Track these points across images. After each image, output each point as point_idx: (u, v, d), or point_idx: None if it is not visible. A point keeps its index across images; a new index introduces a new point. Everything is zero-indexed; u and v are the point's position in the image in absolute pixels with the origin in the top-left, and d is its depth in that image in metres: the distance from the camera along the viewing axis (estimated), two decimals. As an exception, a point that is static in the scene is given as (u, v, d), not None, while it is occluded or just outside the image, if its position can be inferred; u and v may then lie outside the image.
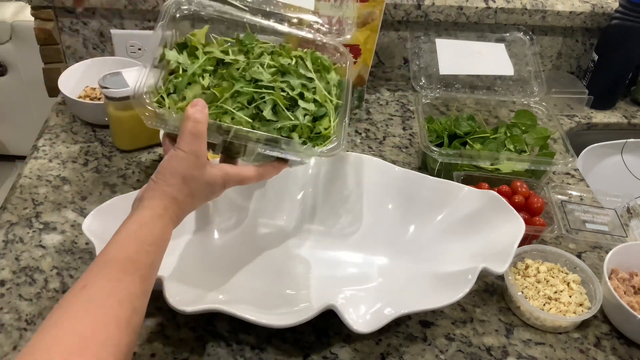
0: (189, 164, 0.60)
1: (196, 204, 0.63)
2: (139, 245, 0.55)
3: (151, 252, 0.55)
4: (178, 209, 0.60)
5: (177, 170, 0.60)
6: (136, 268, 0.53)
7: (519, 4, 1.19)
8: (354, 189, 0.83)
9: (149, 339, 0.69)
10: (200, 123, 0.60)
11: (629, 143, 1.19)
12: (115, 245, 0.54)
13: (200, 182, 0.61)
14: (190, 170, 0.60)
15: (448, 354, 0.71)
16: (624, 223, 0.88)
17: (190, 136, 0.60)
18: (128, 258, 0.53)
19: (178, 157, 0.60)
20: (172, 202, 0.59)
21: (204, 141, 0.61)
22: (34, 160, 0.95)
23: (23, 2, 1.80)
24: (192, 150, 0.60)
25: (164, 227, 0.58)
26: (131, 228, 0.56)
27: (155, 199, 0.59)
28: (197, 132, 0.60)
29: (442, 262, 0.76)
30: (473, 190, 0.80)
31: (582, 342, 0.74)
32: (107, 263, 0.53)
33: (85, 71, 1.08)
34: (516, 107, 1.05)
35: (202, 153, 0.61)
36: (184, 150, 0.60)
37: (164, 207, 0.58)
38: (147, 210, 0.58)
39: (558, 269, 0.80)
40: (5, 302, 0.72)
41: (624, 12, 1.14)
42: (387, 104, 1.19)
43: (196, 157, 0.60)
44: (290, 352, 0.69)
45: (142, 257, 0.54)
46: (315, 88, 0.70)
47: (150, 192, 0.59)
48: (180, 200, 0.60)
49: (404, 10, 1.17)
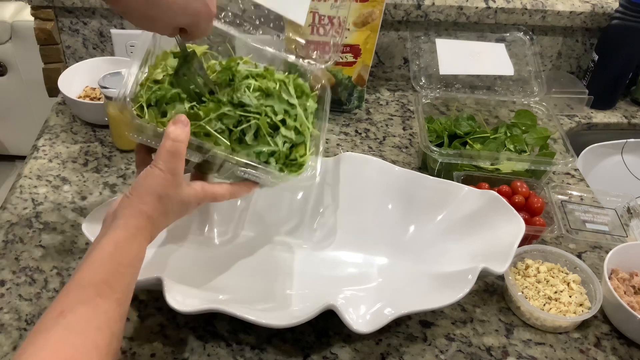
0: (166, 183, 0.58)
1: (169, 221, 0.62)
2: (115, 268, 0.53)
3: (127, 274, 0.54)
4: (152, 228, 0.59)
5: (153, 189, 0.58)
6: (113, 291, 0.52)
7: (519, 4, 1.19)
8: (354, 189, 0.83)
9: (149, 339, 0.69)
10: (180, 143, 0.59)
11: (629, 143, 1.19)
12: (90, 267, 0.53)
13: (176, 201, 0.60)
14: (166, 189, 0.59)
15: (448, 354, 0.71)
16: (624, 223, 0.88)
17: (168, 155, 0.58)
18: (104, 281, 0.52)
19: (154, 175, 0.58)
20: (147, 221, 0.58)
21: (183, 160, 0.60)
22: (34, 160, 0.95)
23: (23, 2, 1.80)
24: (170, 168, 0.59)
25: (138, 247, 0.57)
26: (106, 249, 0.54)
27: (130, 217, 0.57)
28: (176, 151, 0.59)
29: (442, 262, 0.76)
30: (473, 190, 0.80)
31: (582, 342, 0.74)
32: (84, 287, 0.51)
33: (85, 71, 1.08)
34: (516, 107, 1.05)
35: (180, 172, 0.60)
36: (161, 169, 0.58)
37: (139, 227, 0.57)
38: (122, 229, 0.56)
39: (558, 269, 0.80)
40: (5, 302, 0.72)
41: (624, 12, 1.14)
42: (387, 104, 1.19)
43: (173, 175, 0.59)
44: (290, 352, 0.69)
45: (118, 280, 0.53)
46: (296, 115, 0.70)
47: (125, 209, 0.58)
48: (155, 219, 0.59)
49: (404, 10, 1.17)
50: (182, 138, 0.59)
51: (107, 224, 0.58)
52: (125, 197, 0.59)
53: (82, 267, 0.53)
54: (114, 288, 0.52)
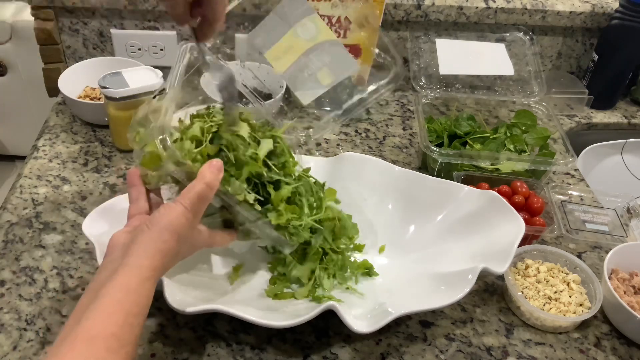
0: (186, 223, 0.56)
1: (173, 264, 0.59)
2: (124, 318, 0.50)
3: (135, 325, 0.51)
4: (163, 270, 0.56)
5: (175, 227, 0.56)
6: (121, 345, 0.49)
7: (519, 4, 1.19)
8: (354, 189, 0.83)
9: (149, 339, 0.69)
10: (212, 190, 0.58)
11: (629, 143, 1.19)
12: (99, 316, 0.49)
13: (189, 243, 0.59)
14: (185, 229, 0.57)
15: (448, 354, 0.71)
16: (624, 223, 0.88)
17: (197, 197, 0.57)
18: (113, 335, 0.49)
19: (178, 213, 0.56)
20: (161, 261, 0.55)
21: (206, 205, 0.59)
22: (34, 160, 0.95)
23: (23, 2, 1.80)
24: (194, 210, 0.57)
25: (148, 292, 0.53)
26: (116, 296, 0.51)
27: (146, 257, 0.54)
28: (206, 196, 0.58)
29: (442, 262, 0.76)
30: (473, 190, 0.80)
31: (582, 342, 0.74)
32: (92, 340, 0.48)
33: (85, 71, 1.08)
34: (516, 107, 1.05)
35: (200, 215, 0.58)
36: (186, 208, 0.56)
37: (153, 269, 0.54)
38: (135, 272, 0.52)
39: (558, 269, 0.80)
40: (5, 302, 0.72)
41: (624, 12, 1.14)
42: (387, 104, 1.19)
43: (195, 217, 0.58)
44: (290, 352, 0.69)
45: (127, 332, 0.50)
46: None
47: (142, 245, 0.54)
48: (167, 260, 0.56)
49: (404, 10, 1.17)
50: (215, 185, 0.58)
51: (117, 256, 0.55)
52: (145, 229, 0.55)
53: (91, 315, 0.49)
54: (122, 342, 0.49)
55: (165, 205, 0.57)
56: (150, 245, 0.54)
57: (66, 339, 0.48)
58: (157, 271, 0.54)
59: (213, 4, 0.60)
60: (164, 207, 0.57)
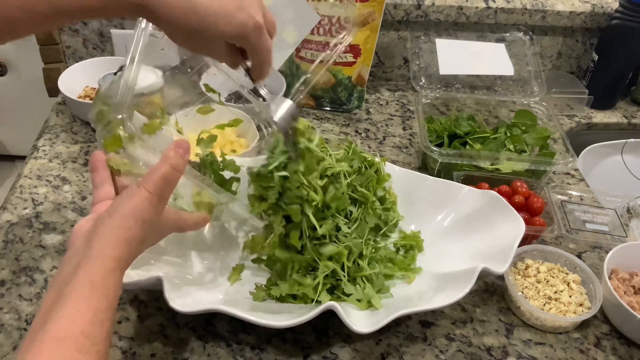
0: (152, 208, 0.53)
1: (140, 252, 0.56)
2: (93, 314, 0.47)
3: (105, 320, 0.48)
4: (129, 258, 0.53)
5: (139, 213, 0.52)
6: (92, 344, 0.46)
7: (519, 4, 1.19)
8: (354, 189, 0.83)
9: (149, 339, 0.69)
10: (178, 172, 0.54)
11: (629, 143, 1.19)
12: (66, 315, 0.46)
13: (156, 228, 0.56)
14: (151, 214, 0.53)
15: (448, 354, 0.71)
16: (624, 223, 0.88)
17: (162, 180, 0.53)
18: (82, 333, 0.46)
19: (142, 198, 0.52)
20: (126, 250, 0.51)
21: (173, 188, 0.55)
22: (34, 160, 0.95)
23: (23, 2, 1.80)
24: (159, 194, 0.53)
25: (116, 284, 0.50)
26: (82, 292, 0.47)
27: (109, 246, 0.50)
28: (172, 179, 0.54)
29: (442, 262, 0.76)
30: (473, 190, 0.80)
31: (582, 342, 0.74)
32: (61, 342, 0.44)
33: (85, 71, 1.08)
34: (516, 107, 1.05)
35: (167, 199, 0.55)
36: (150, 192, 0.52)
37: (118, 258, 0.50)
38: (98, 263, 0.49)
39: (558, 269, 0.80)
40: (5, 302, 0.72)
41: (624, 12, 1.14)
42: (387, 104, 1.19)
43: (160, 201, 0.54)
44: (290, 352, 0.69)
45: (98, 329, 0.47)
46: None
47: (104, 234, 0.51)
48: (133, 248, 0.52)
49: (404, 10, 1.17)
50: (181, 167, 0.55)
51: (79, 248, 0.51)
52: (106, 216, 0.52)
53: (57, 314, 0.46)
54: (94, 339, 0.46)
55: (127, 190, 0.53)
56: (113, 234, 0.51)
57: (33, 342, 0.44)
58: (122, 261, 0.51)
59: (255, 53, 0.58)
60: (126, 191, 0.53)
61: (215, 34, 0.54)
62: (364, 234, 0.75)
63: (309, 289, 0.68)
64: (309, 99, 1.14)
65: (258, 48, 0.58)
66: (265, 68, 0.61)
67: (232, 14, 0.54)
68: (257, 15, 0.56)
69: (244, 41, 0.57)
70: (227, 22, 0.53)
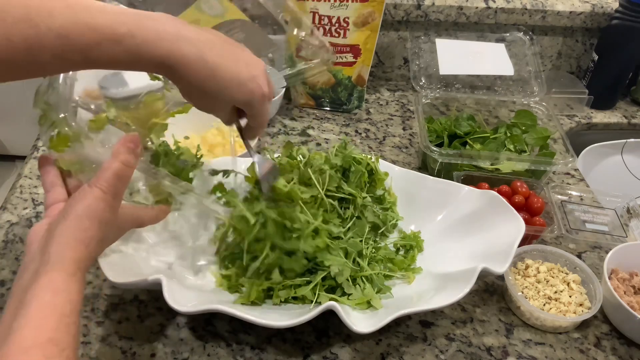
0: (106, 206, 0.52)
1: (102, 250, 0.56)
2: (58, 320, 0.46)
3: (71, 324, 0.47)
4: (89, 260, 0.52)
5: (94, 213, 0.52)
6: (60, 349, 0.45)
7: (519, 4, 1.19)
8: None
9: (149, 339, 0.69)
10: (130, 168, 0.54)
11: (629, 143, 1.19)
12: (30, 324, 0.45)
13: (113, 227, 0.55)
14: (107, 213, 0.53)
15: (448, 354, 0.71)
16: (624, 223, 0.88)
17: (114, 177, 0.53)
18: (50, 340, 0.45)
19: (95, 197, 0.52)
20: (84, 251, 0.51)
21: (127, 184, 0.55)
22: (34, 160, 0.95)
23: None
24: (113, 191, 0.53)
25: (78, 287, 0.49)
26: (45, 298, 0.47)
27: (67, 249, 0.50)
28: (125, 175, 0.54)
29: (442, 262, 0.76)
30: (473, 190, 0.80)
31: (582, 342, 0.74)
32: (27, 352, 0.44)
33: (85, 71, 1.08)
34: (516, 107, 1.05)
35: (121, 196, 0.54)
36: (103, 190, 0.52)
37: (77, 261, 0.50)
38: (58, 267, 0.48)
39: (558, 269, 0.80)
40: (5, 302, 0.72)
41: (624, 12, 1.14)
42: (387, 104, 1.19)
43: (114, 199, 0.53)
44: (290, 352, 0.69)
45: (64, 334, 0.46)
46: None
47: (60, 237, 0.50)
48: (92, 249, 0.52)
49: (404, 10, 1.17)
50: (132, 162, 0.54)
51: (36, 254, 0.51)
52: (61, 219, 0.51)
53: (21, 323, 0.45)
54: (61, 345, 0.45)
55: (80, 190, 0.53)
56: (70, 237, 0.50)
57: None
58: (82, 262, 0.51)
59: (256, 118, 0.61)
60: (79, 192, 0.53)
61: (226, 98, 0.57)
62: (363, 232, 0.75)
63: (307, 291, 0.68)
64: (309, 99, 1.14)
65: (259, 114, 0.60)
66: (259, 131, 0.64)
67: (245, 82, 0.56)
68: (265, 85, 0.58)
69: (248, 107, 0.59)
70: (239, 89, 0.56)
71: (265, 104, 0.60)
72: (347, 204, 0.76)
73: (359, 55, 1.06)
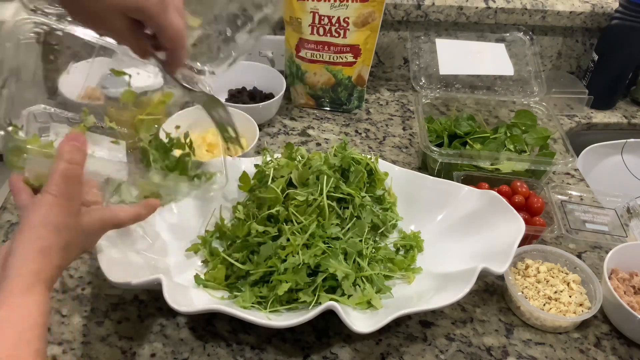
0: (61, 211, 0.50)
1: (72, 257, 0.53)
2: (17, 337, 0.45)
3: (33, 339, 0.45)
4: (52, 269, 0.50)
5: (48, 219, 0.50)
6: None
7: (519, 4, 1.19)
8: (354, 189, 0.83)
9: (149, 339, 0.69)
10: (77, 165, 0.51)
11: (629, 143, 1.19)
12: None
13: (76, 231, 0.52)
14: (63, 218, 0.50)
15: (448, 354, 0.71)
16: (624, 223, 0.88)
17: (62, 179, 0.50)
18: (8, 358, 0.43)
19: (47, 203, 0.50)
20: (45, 260, 0.49)
21: (80, 184, 0.52)
22: (34, 160, 0.95)
23: (23, 2, 1.80)
24: (65, 194, 0.51)
25: (39, 301, 0.47)
26: (2, 316, 0.45)
27: (24, 260, 0.48)
28: (73, 174, 0.51)
29: (442, 262, 0.76)
30: (473, 190, 0.80)
31: (582, 342, 0.74)
32: None
33: (85, 71, 1.08)
34: (516, 107, 1.05)
35: (77, 198, 0.52)
36: (54, 195, 0.50)
37: (36, 272, 0.48)
38: (16, 281, 0.47)
39: (558, 269, 0.80)
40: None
41: (624, 12, 1.14)
42: (387, 104, 1.19)
43: (68, 202, 0.51)
44: (290, 352, 0.69)
45: (24, 349, 0.45)
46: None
47: (18, 251, 0.48)
48: (54, 256, 0.50)
49: (404, 10, 1.17)
50: (79, 160, 0.52)
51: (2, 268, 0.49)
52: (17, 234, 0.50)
53: None
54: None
55: (32, 201, 0.51)
56: (28, 248, 0.49)
57: None
58: (43, 273, 0.49)
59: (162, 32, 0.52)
60: (31, 202, 0.51)
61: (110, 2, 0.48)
62: (362, 233, 0.75)
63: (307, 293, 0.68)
64: (309, 99, 1.14)
65: (164, 26, 0.50)
66: (178, 55, 0.54)
67: None
68: None
69: (145, 15, 0.49)
70: None
71: (169, 12, 0.50)
72: (346, 204, 0.76)
73: (359, 55, 1.06)
